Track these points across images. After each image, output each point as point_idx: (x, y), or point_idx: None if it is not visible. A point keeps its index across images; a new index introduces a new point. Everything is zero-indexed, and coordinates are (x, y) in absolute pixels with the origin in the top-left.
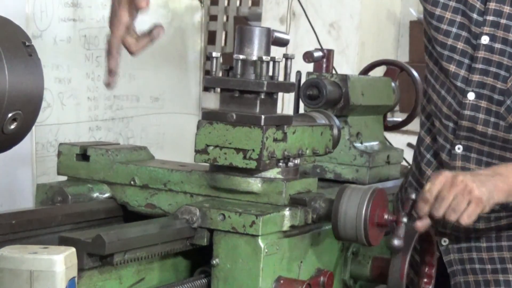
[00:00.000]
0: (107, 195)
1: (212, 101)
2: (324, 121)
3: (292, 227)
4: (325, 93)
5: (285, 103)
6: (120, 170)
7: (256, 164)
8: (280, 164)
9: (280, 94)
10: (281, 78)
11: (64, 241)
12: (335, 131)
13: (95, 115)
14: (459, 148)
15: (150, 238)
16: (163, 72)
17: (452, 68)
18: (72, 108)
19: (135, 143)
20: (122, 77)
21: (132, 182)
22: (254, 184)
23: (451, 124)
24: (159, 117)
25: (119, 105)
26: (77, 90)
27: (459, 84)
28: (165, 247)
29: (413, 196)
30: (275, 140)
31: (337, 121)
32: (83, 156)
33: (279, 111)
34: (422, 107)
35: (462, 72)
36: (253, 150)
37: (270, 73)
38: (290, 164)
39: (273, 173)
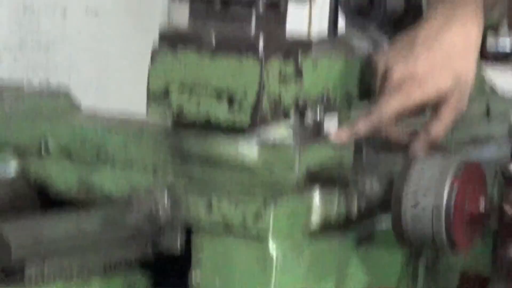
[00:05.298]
0: (13, 170)
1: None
2: (367, 46)
3: (326, 222)
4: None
5: (315, 20)
6: (23, 129)
7: (250, 118)
8: (292, 117)
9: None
10: None
11: None
12: None
13: None
14: None
15: (86, 241)
16: None
17: None
18: None
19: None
20: None
21: (43, 149)
22: (247, 150)
23: None
24: (99, 42)
25: (33, 22)
26: None
27: None
28: (111, 256)
29: None
30: (283, 78)
31: None
32: None
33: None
34: None
35: None
36: (246, 94)
37: None
38: (309, 117)
39: (279, 132)
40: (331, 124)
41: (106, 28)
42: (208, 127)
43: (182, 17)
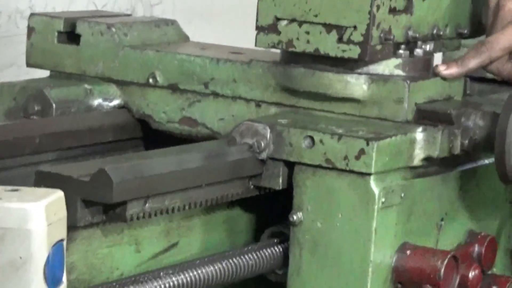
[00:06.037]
0: (116, 102)
1: None
2: None
3: (428, 160)
4: None
5: None
6: (131, 60)
7: (360, 51)
8: (401, 51)
9: None
10: None
11: (45, 179)
12: None
13: None
14: None
15: (188, 177)
16: None
17: None
18: None
19: (164, 14)
20: None
21: (151, 80)
22: (357, 84)
23: None
24: None
25: None
26: None
27: None
28: (212, 192)
29: None
30: (392, 10)
31: None
32: (70, 35)
33: None
34: None
35: None
36: (355, 27)
37: None
38: (418, 51)
39: (388, 66)
40: (440, 60)
41: None
42: (317, 59)
43: None
